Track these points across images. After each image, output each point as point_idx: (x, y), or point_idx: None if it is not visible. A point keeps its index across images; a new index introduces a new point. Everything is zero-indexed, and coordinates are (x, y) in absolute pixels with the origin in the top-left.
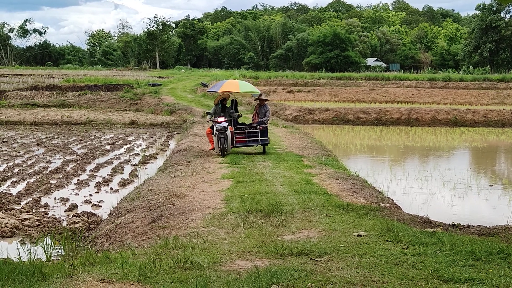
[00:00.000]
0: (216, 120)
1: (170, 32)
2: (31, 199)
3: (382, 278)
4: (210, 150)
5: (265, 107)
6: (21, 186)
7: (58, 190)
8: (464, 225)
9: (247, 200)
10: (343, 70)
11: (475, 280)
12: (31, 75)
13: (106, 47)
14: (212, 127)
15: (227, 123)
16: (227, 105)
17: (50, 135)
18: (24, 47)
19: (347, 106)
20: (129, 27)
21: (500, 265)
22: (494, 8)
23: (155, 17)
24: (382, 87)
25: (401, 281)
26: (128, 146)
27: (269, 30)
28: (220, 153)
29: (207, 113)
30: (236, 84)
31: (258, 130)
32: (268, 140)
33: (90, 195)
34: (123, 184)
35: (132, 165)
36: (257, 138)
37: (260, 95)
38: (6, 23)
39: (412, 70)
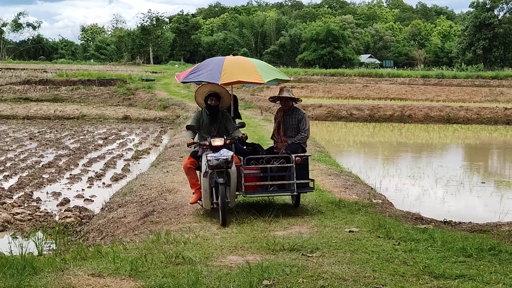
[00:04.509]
0: (208, 143)
1: (164, 27)
2: (23, 193)
3: (373, 274)
4: (192, 203)
5: (297, 113)
6: (13, 180)
7: (50, 185)
8: (455, 222)
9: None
10: (336, 67)
11: (466, 277)
12: (24, 69)
13: (99, 41)
14: (195, 155)
15: (232, 152)
16: (220, 109)
17: (43, 129)
18: (18, 41)
19: (340, 103)
20: (123, 22)
21: (491, 261)
22: (488, 6)
23: (149, 12)
24: (376, 84)
25: (392, 277)
26: (121, 141)
27: (263, 26)
28: (213, 208)
29: (188, 127)
30: (250, 66)
31: (293, 164)
32: (310, 183)
33: (83, 189)
34: (116, 179)
35: (125, 160)
36: (291, 182)
37: (282, 89)
38: None
39: (406, 67)
